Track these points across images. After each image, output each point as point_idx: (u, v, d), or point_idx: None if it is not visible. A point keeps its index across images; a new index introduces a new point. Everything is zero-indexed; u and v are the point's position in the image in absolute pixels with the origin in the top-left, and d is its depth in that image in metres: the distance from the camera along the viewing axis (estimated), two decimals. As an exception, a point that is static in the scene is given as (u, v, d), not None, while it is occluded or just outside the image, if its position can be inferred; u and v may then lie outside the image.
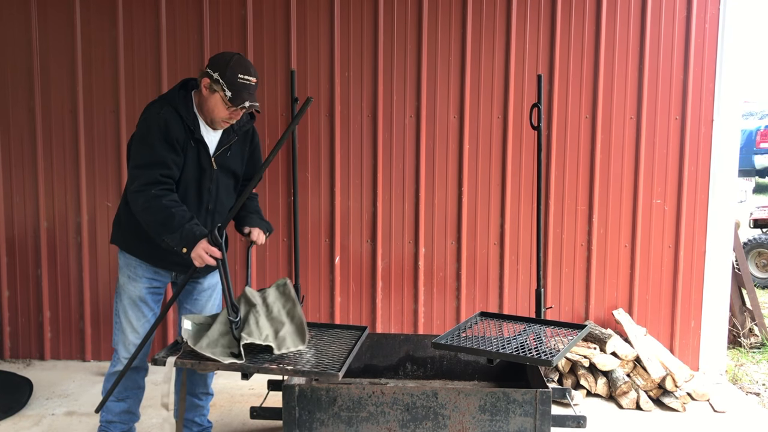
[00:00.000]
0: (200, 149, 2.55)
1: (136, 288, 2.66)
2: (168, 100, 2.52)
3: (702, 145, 4.00)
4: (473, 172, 4.07)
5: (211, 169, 2.58)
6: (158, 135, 2.44)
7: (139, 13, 4.00)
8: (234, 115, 2.52)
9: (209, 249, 2.35)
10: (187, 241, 2.36)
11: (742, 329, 4.88)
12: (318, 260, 4.12)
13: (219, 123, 2.54)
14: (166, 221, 2.37)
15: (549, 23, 3.98)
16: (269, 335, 2.43)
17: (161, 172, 2.43)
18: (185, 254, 2.37)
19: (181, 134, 2.48)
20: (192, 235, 2.36)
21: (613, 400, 3.63)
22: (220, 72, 2.44)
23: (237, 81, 2.43)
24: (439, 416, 2.48)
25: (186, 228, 2.36)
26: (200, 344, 2.33)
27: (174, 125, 2.46)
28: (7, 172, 4.11)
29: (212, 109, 2.49)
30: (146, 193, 2.41)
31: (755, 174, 16.15)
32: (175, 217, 2.37)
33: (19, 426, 3.28)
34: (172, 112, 2.48)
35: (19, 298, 4.18)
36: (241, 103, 2.43)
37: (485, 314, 3.19)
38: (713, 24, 3.94)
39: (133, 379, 2.76)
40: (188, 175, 2.54)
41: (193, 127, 2.51)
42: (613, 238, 4.08)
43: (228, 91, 2.42)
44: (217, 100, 2.47)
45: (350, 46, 4.02)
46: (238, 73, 2.44)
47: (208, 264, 2.36)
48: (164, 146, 2.44)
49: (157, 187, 2.42)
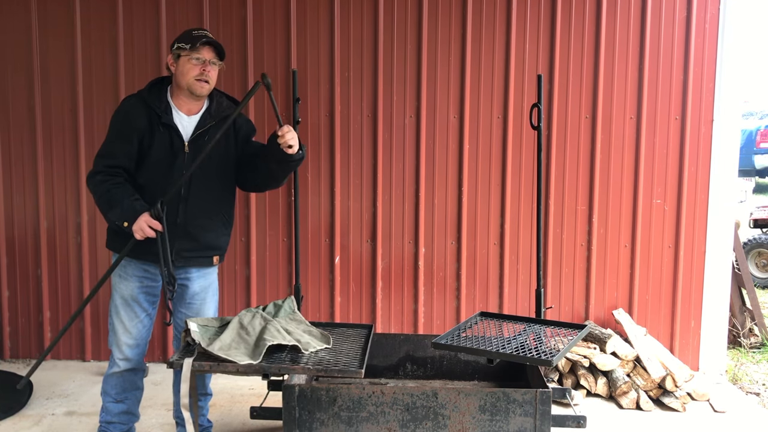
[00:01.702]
0: (172, 134, 2.61)
1: (127, 287, 2.68)
2: (137, 94, 2.68)
3: (702, 145, 4.00)
4: (473, 172, 4.07)
5: (182, 152, 2.62)
6: (116, 126, 2.63)
7: (139, 13, 4.00)
8: (205, 70, 2.57)
9: (150, 222, 2.47)
10: (127, 215, 2.49)
11: (742, 329, 4.88)
12: (318, 260, 4.12)
13: (194, 85, 2.59)
14: (108, 198, 2.53)
15: (549, 23, 3.98)
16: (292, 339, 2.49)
17: (106, 163, 2.59)
18: (126, 228, 2.49)
19: (143, 121, 2.59)
20: (132, 210, 2.49)
21: (613, 400, 3.63)
22: (177, 39, 2.62)
23: (192, 35, 2.59)
24: (439, 416, 2.48)
25: (126, 202, 2.50)
26: (213, 346, 2.34)
27: (135, 114, 2.60)
28: (7, 172, 4.11)
29: (183, 73, 2.59)
30: (94, 178, 2.59)
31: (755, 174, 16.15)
32: (116, 194, 2.52)
33: (19, 426, 3.28)
34: (136, 102, 2.63)
35: (19, 298, 4.18)
36: (198, 41, 2.54)
37: (485, 314, 3.19)
38: (713, 24, 3.94)
39: (131, 380, 2.77)
40: (157, 158, 2.61)
41: (162, 113, 2.59)
42: (613, 238, 4.08)
43: (186, 44, 2.55)
44: (183, 62, 2.58)
45: (350, 46, 4.02)
46: (192, 31, 2.62)
47: (148, 236, 2.47)
48: (119, 137, 2.60)
49: (103, 174, 2.58)
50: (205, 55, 2.57)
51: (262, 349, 2.36)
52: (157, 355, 4.15)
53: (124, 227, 2.50)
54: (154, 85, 2.69)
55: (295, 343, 2.45)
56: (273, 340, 2.40)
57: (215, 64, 2.61)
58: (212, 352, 2.32)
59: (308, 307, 4.12)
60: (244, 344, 2.43)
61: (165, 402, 3.54)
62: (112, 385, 2.75)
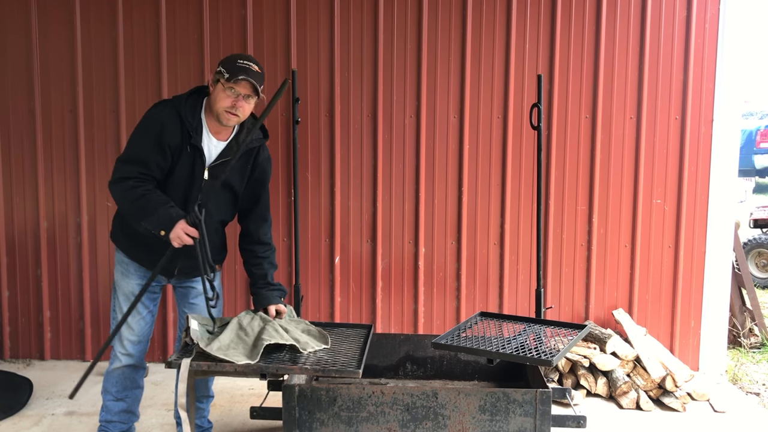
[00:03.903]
0: (195, 156, 2.54)
1: (129, 284, 2.69)
2: (174, 103, 2.55)
3: (702, 145, 4.00)
4: (473, 172, 4.07)
5: (201, 178, 2.57)
6: (151, 135, 2.48)
7: (139, 13, 4.00)
8: (237, 105, 2.49)
9: (187, 229, 2.41)
10: (164, 222, 2.42)
11: (742, 329, 4.88)
12: (318, 260, 4.12)
13: (223, 115, 2.51)
14: (143, 206, 2.44)
15: (549, 23, 3.98)
16: (290, 338, 2.49)
17: (140, 170, 2.49)
18: (163, 236, 2.42)
19: (176, 138, 2.50)
20: (169, 217, 2.42)
21: (613, 400, 3.63)
22: (222, 63, 2.52)
23: (236, 64, 2.49)
24: (439, 416, 2.48)
25: (162, 210, 2.42)
26: (211, 347, 2.34)
27: (170, 128, 2.48)
28: (7, 172, 4.11)
29: (216, 100, 2.51)
30: (123, 183, 2.48)
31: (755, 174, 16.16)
32: (151, 202, 2.44)
33: (19, 426, 3.28)
34: (173, 115, 2.50)
35: (19, 298, 4.18)
36: (235, 77, 2.45)
37: (485, 314, 3.20)
38: (713, 24, 3.94)
39: (132, 379, 2.77)
40: (178, 179, 2.55)
41: (194, 132, 2.51)
42: (613, 238, 4.08)
43: (226, 73, 2.47)
44: (218, 89, 2.50)
45: (350, 46, 4.02)
46: (237, 59, 2.51)
47: (186, 244, 2.41)
48: (153, 147, 2.48)
49: (135, 180, 2.48)
50: (240, 89, 2.47)
51: (260, 348, 2.36)
52: (157, 355, 4.15)
53: (161, 236, 2.42)
54: (191, 95, 2.59)
55: (293, 343, 2.46)
56: (270, 340, 2.41)
57: (250, 98, 2.52)
58: (210, 353, 2.32)
59: (308, 307, 4.12)
60: (242, 345, 2.43)
61: (165, 402, 3.54)
62: (113, 383, 2.75)
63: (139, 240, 2.59)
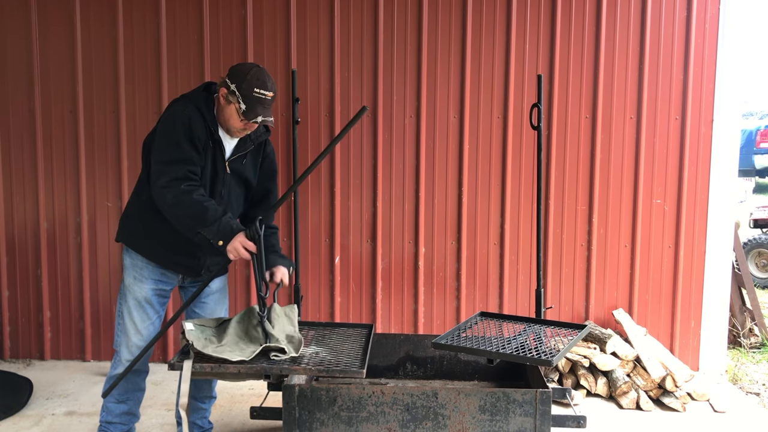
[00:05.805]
0: (216, 151, 2.54)
1: (142, 289, 2.65)
2: (192, 100, 2.52)
3: (702, 145, 4.00)
4: (473, 172, 4.07)
5: (224, 172, 2.57)
6: (183, 132, 2.43)
7: (139, 13, 4.00)
8: (249, 127, 2.51)
9: (245, 243, 2.36)
10: (224, 233, 2.36)
11: (742, 329, 4.88)
12: (318, 260, 4.12)
13: (234, 133, 2.53)
14: (201, 214, 2.36)
15: (549, 23, 3.98)
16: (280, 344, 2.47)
17: (189, 168, 2.43)
18: (221, 247, 2.37)
19: (203, 134, 2.48)
20: (229, 228, 2.37)
21: (613, 400, 3.63)
22: (237, 84, 2.44)
23: (252, 94, 2.43)
24: (439, 416, 2.48)
25: (223, 221, 2.37)
26: (207, 349, 2.34)
27: (197, 124, 2.46)
28: (7, 172, 4.11)
29: (227, 119, 2.50)
30: (175, 188, 2.39)
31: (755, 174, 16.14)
32: (209, 210, 2.37)
33: (19, 426, 3.28)
34: (195, 111, 2.48)
35: (19, 298, 4.18)
36: (254, 117, 2.43)
37: (485, 314, 3.19)
38: (713, 24, 3.94)
39: (134, 381, 2.77)
40: (203, 175, 2.53)
41: (213, 128, 2.51)
42: (613, 238, 4.08)
43: (242, 104, 2.42)
44: (232, 111, 2.47)
45: (350, 46, 4.02)
46: (254, 87, 2.43)
47: (242, 257, 2.38)
48: (188, 144, 2.44)
49: (186, 183, 2.41)
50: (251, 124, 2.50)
51: (255, 348, 2.35)
52: (157, 356, 4.15)
53: (218, 246, 2.37)
54: (202, 92, 2.57)
55: (283, 347, 2.42)
56: (263, 342, 2.39)
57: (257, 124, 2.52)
58: (206, 353, 2.31)
59: (308, 307, 4.12)
60: (238, 345, 2.42)
61: (165, 402, 3.54)
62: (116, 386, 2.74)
63: (164, 240, 2.55)
